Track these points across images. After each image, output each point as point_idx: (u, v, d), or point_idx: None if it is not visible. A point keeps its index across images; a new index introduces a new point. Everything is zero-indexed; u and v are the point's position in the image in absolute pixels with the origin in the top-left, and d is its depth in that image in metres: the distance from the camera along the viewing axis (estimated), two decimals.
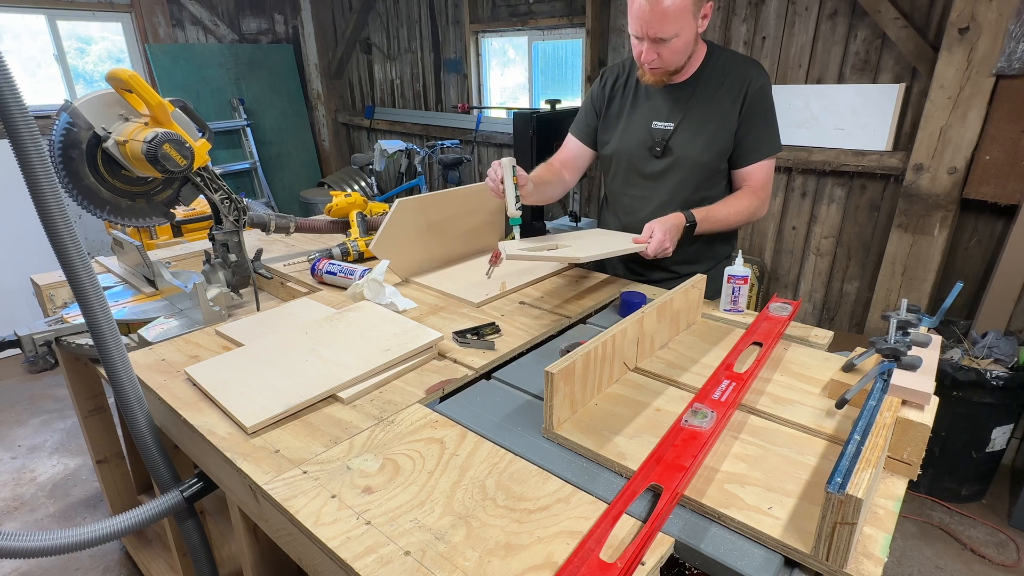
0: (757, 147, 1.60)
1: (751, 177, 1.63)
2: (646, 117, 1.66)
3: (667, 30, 1.43)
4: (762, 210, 1.65)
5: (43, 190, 0.92)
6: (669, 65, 1.52)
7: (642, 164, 1.70)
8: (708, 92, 1.58)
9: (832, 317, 3.22)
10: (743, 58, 1.60)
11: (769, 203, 1.68)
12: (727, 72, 1.57)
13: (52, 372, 3.52)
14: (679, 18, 1.41)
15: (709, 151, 1.60)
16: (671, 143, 1.63)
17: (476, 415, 1.11)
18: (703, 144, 1.60)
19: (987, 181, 2.47)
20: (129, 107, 1.47)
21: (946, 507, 2.42)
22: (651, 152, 1.66)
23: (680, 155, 1.63)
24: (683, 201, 1.65)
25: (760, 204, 1.64)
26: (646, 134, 1.66)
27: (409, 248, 1.77)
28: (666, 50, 1.47)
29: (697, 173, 1.63)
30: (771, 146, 1.60)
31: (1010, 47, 2.30)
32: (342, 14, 5.44)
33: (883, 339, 1.07)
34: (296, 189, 5.60)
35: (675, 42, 1.46)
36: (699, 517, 0.85)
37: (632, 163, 1.72)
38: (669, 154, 1.64)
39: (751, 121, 1.57)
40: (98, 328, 1.06)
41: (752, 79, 1.55)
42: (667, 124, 1.63)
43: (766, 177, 1.63)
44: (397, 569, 0.76)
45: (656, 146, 1.64)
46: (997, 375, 2.20)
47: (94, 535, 1.01)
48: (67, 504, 2.48)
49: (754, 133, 1.58)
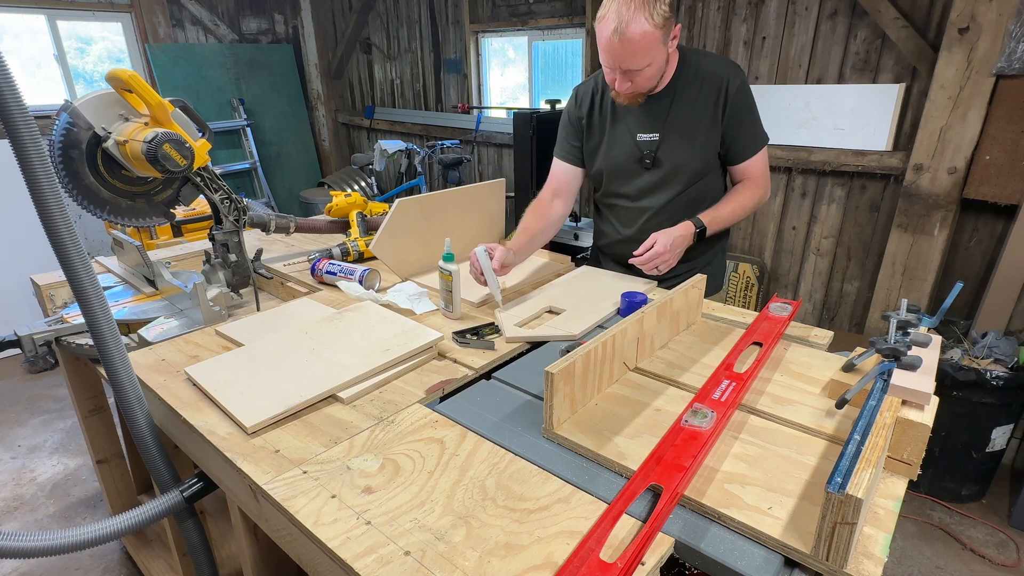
0: (748, 143, 1.63)
1: (750, 170, 1.67)
2: (629, 130, 1.66)
3: (639, 62, 1.43)
4: (766, 196, 1.71)
5: (43, 190, 0.92)
6: (642, 89, 1.53)
7: (633, 177, 1.70)
8: (687, 98, 1.59)
9: (832, 317, 3.22)
10: (715, 58, 1.62)
11: (771, 185, 1.75)
12: (703, 75, 1.57)
13: (52, 372, 3.52)
14: (649, 50, 1.41)
15: (698, 157, 1.62)
16: (659, 154, 1.63)
17: (476, 415, 1.11)
18: (692, 151, 1.61)
19: (987, 181, 2.47)
20: (129, 107, 1.47)
21: (946, 507, 2.42)
22: (640, 164, 1.67)
23: (671, 165, 1.63)
24: (681, 205, 1.67)
25: (763, 192, 1.69)
26: (632, 147, 1.66)
27: (409, 248, 1.77)
28: (639, 78, 1.48)
29: (690, 178, 1.65)
30: (761, 139, 1.65)
31: (1010, 47, 2.30)
32: (342, 14, 5.44)
33: (883, 339, 1.07)
34: (296, 189, 5.60)
35: (647, 70, 1.46)
36: (699, 517, 0.85)
37: (623, 176, 1.73)
38: (659, 165, 1.65)
39: (737, 120, 1.59)
40: (98, 328, 1.06)
41: (729, 79, 1.56)
42: (652, 135, 1.63)
43: (763, 166, 1.68)
44: (397, 569, 0.76)
45: (645, 158, 1.65)
46: (997, 375, 2.20)
47: (94, 535, 1.01)
48: (67, 504, 2.48)
49: (744, 131, 1.61)
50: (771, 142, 1.73)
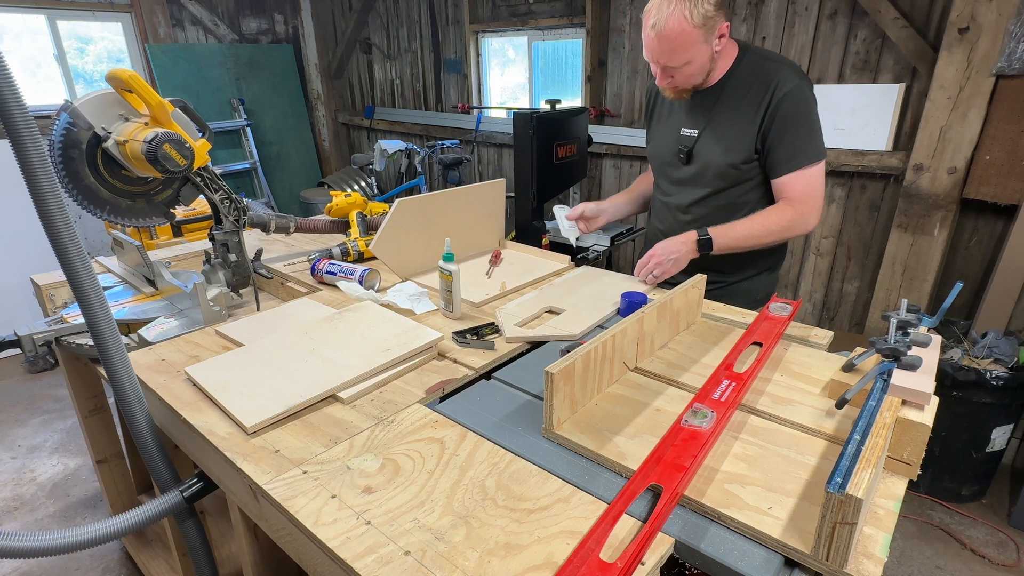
0: (790, 156, 1.50)
1: (787, 188, 1.53)
2: (676, 123, 1.66)
3: (677, 59, 1.43)
4: (805, 223, 1.54)
5: (43, 190, 0.92)
6: (684, 85, 1.52)
7: (672, 170, 1.70)
8: (734, 98, 1.53)
9: (832, 317, 3.22)
10: (775, 61, 1.52)
11: (819, 214, 1.56)
12: (755, 76, 1.51)
13: (52, 372, 3.52)
14: (688, 48, 1.40)
15: (728, 157, 1.55)
16: (695, 150, 1.61)
17: (476, 415, 1.11)
18: (723, 150, 1.56)
19: (987, 181, 2.47)
20: (129, 107, 1.47)
21: (946, 507, 2.42)
22: (678, 158, 1.65)
23: (703, 162, 1.60)
24: (710, 208, 1.64)
25: (799, 217, 1.53)
26: (674, 140, 1.66)
27: (409, 248, 1.77)
28: (679, 74, 1.47)
29: (721, 179, 1.60)
30: (809, 154, 1.49)
31: (1010, 47, 2.30)
32: (342, 14, 5.44)
33: (883, 339, 1.07)
34: (296, 189, 5.60)
35: (687, 68, 1.45)
36: (699, 517, 0.85)
37: (664, 169, 1.73)
38: (694, 161, 1.63)
39: (782, 128, 1.48)
40: (98, 328, 1.06)
41: (779, 83, 1.46)
42: (692, 131, 1.61)
43: (806, 188, 1.51)
44: (397, 569, 0.76)
45: (681, 152, 1.63)
46: (997, 375, 2.20)
47: (94, 535, 1.01)
48: (67, 504, 2.48)
49: (787, 141, 1.49)
50: None
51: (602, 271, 1.81)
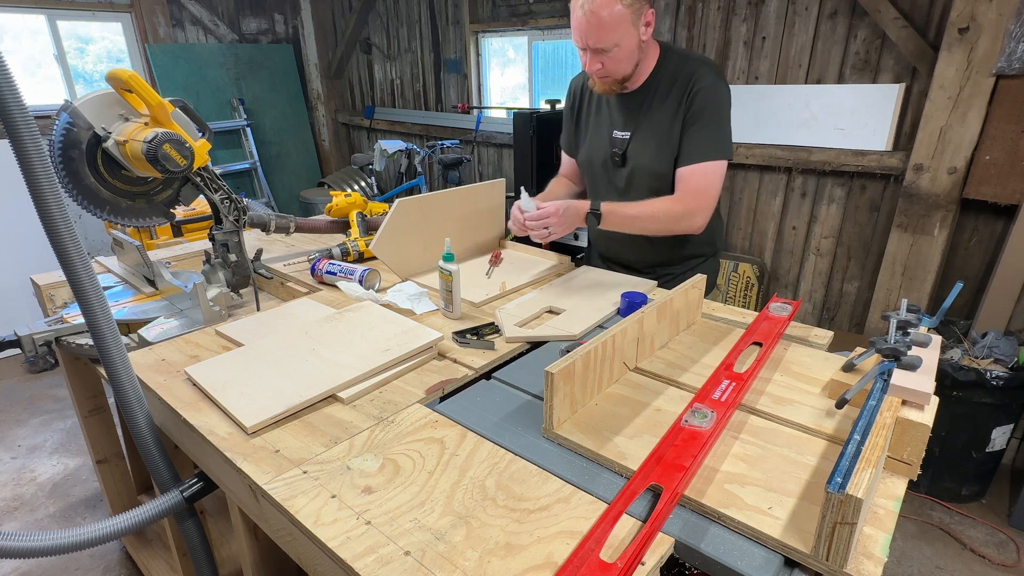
0: (693, 149, 1.51)
1: (684, 181, 1.53)
2: (607, 126, 1.67)
3: (606, 40, 1.43)
4: (692, 220, 1.54)
5: (43, 190, 0.92)
6: (614, 74, 1.52)
7: (608, 173, 1.71)
8: (659, 98, 1.56)
9: (832, 317, 3.22)
10: (695, 59, 1.54)
11: (709, 214, 1.56)
12: (677, 74, 1.53)
13: (52, 372, 3.52)
14: (616, 28, 1.41)
15: (659, 159, 1.58)
16: (628, 152, 1.63)
17: (476, 415, 1.11)
18: (653, 151, 1.58)
19: (987, 181, 2.47)
20: (129, 107, 1.47)
21: (946, 507, 2.42)
22: (613, 161, 1.67)
23: (636, 164, 1.63)
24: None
25: (687, 212, 1.52)
26: (607, 143, 1.66)
27: (409, 248, 1.77)
28: (608, 60, 1.47)
29: (654, 181, 1.62)
30: (711, 150, 1.50)
31: (1010, 47, 2.30)
32: (342, 14, 5.44)
33: (883, 339, 1.07)
34: (296, 189, 5.60)
35: (616, 52, 1.46)
36: (699, 517, 0.85)
37: (600, 172, 1.74)
38: (627, 163, 1.65)
39: (692, 122, 1.50)
40: (98, 328, 1.06)
41: (697, 79, 1.49)
42: (624, 133, 1.63)
43: (701, 183, 1.51)
44: (397, 569, 0.76)
45: (615, 155, 1.65)
46: (997, 375, 2.20)
47: (94, 535, 1.01)
48: (67, 504, 2.48)
49: (692, 133, 1.51)
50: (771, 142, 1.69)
51: (602, 271, 1.81)
